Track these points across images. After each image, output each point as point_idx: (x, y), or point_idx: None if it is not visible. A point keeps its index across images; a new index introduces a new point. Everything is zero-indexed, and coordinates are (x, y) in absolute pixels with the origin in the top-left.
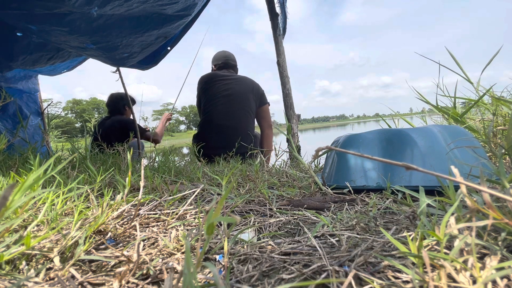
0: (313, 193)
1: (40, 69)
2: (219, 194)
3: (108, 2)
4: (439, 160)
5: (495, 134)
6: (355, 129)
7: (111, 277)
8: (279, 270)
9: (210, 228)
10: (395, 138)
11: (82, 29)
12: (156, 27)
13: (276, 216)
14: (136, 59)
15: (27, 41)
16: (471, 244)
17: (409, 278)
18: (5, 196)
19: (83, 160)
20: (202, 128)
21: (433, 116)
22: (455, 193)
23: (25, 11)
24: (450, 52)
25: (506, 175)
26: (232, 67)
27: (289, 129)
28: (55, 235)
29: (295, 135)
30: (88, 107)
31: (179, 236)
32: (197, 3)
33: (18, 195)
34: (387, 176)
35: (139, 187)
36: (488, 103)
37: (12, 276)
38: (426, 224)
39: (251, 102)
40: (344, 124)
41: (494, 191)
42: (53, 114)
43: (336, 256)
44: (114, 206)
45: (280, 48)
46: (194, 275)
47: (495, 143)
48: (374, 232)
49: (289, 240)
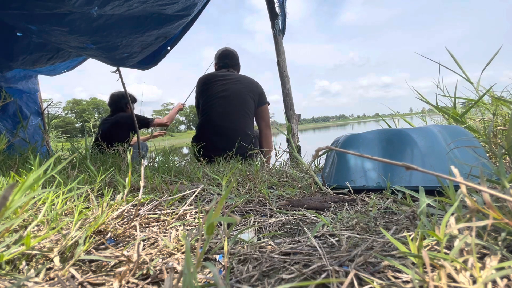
0: (313, 193)
1: (40, 69)
2: (219, 194)
3: (108, 2)
4: (439, 160)
5: (495, 134)
6: (355, 129)
7: (111, 277)
8: (279, 270)
9: (210, 228)
10: (395, 138)
11: (82, 29)
12: (156, 27)
13: (276, 216)
14: (136, 59)
15: (27, 41)
16: (471, 244)
17: (409, 278)
18: (5, 196)
19: (83, 160)
20: (200, 129)
21: (433, 116)
22: (455, 193)
23: (25, 11)
24: (450, 52)
25: (506, 175)
26: (233, 65)
27: (289, 129)
28: (55, 235)
29: (295, 135)
30: (88, 107)
31: (179, 236)
32: (197, 3)
33: (18, 195)
34: (387, 176)
35: (139, 187)
36: (488, 103)
37: (12, 276)
38: (426, 224)
39: (249, 102)
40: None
41: (494, 191)
42: (53, 114)
43: (336, 256)
44: (114, 206)
45: (280, 48)
46: (194, 275)
47: (495, 143)
48: (374, 232)
49: (289, 240)
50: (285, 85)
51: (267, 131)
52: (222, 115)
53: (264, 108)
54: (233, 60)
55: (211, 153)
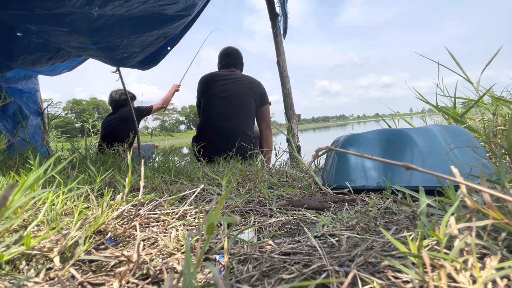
0: (313, 193)
1: (40, 69)
2: (219, 194)
3: (109, 2)
4: (439, 160)
5: (495, 134)
6: (355, 129)
7: (111, 277)
8: (279, 270)
9: (210, 228)
10: (395, 138)
11: (83, 30)
12: (156, 27)
13: (276, 216)
14: (136, 59)
15: (27, 41)
16: (471, 244)
17: (409, 278)
18: (5, 196)
19: (83, 160)
20: (201, 129)
21: (433, 116)
22: (455, 193)
23: (25, 11)
24: (450, 52)
25: (506, 175)
26: (235, 65)
27: (289, 129)
28: (55, 235)
29: (295, 135)
30: (88, 107)
31: (179, 236)
32: (197, 3)
33: (18, 195)
34: (387, 176)
35: (139, 187)
36: (488, 103)
37: (12, 276)
38: (426, 224)
39: (250, 102)
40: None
41: (494, 191)
42: (53, 114)
43: (336, 256)
44: (114, 206)
45: (280, 48)
46: (194, 275)
47: (495, 143)
48: (374, 232)
49: (289, 240)
50: (285, 85)
51: (267, 132)
52: (222, 115)
53: (265, 108)
54: (235, 59)
55: (211, 153)
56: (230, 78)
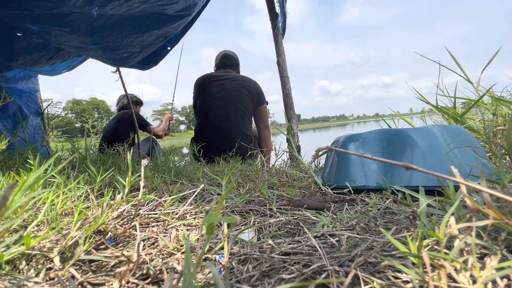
0: (313, 193)
1: (40, 69)
2: (219, 194)
3: (109, 2)
4: (439, 160)
5: (495, 134)
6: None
7: (111, 277)
8: (279, 270)
9: (210, 228)
10: (395, 138)
11: (82, 29)
12: (156, 27)
13: (276, 216)
14: (136, 59)
15: (27, 41)
16: (471, 244)
17: (409, 278)
18: (5, 196)
19: (83, 160)
20: (199, 131)
21: (433, 116)
22: (455, 193)
23: (26, 11)
24: (450, 52)
25: (506, 175)
26: (231, 66)
27: (289, 129)
28: (55, 235)
29: (295, 135)
30: (88, 107)
31: (179, 236)
32: (197, 3)
33: (18, 195)
34: (387, 176)
35: (139, 187)
36: (488, 103)
37: (12, 276)
38: (426, 224)
39: (246, 101)
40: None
41: (494, 191)
42: (53, 114)
43: (336, 256)
44: (114, 206)
45: (280, 48)
46: (194, 275)
47: (495, 143)
48: (374, 232)
49: (289, 240)
50: (285, 85)
51: (266, 132)
52: (219, 116)
53: (262, 108)
54: (230, 60)
55: (211, 153)
56: (225, 78)
